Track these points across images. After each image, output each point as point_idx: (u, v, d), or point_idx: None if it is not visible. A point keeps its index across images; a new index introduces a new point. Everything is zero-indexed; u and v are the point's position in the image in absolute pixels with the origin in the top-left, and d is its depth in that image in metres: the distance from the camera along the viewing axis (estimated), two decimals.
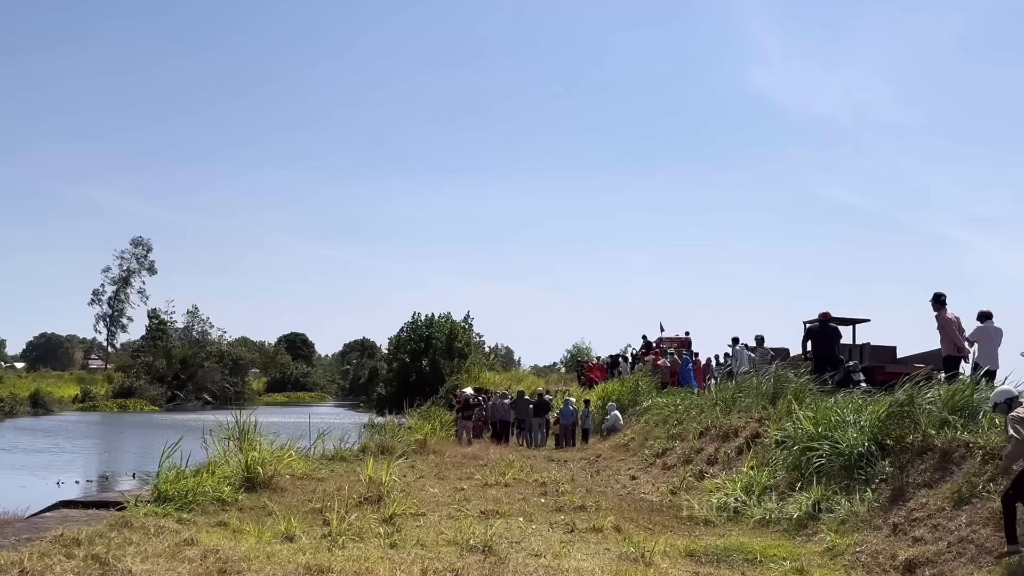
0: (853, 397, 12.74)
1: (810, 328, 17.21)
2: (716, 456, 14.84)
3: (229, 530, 9.30)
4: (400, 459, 14.71)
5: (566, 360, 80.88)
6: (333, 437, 17.60)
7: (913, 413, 10.38)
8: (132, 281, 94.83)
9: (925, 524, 8.55)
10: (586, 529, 10.36)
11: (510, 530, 9.95)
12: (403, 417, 25.66)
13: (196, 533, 8.66)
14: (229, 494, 11.04)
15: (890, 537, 8.78)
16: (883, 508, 9.41)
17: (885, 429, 10.55)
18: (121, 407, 66.39)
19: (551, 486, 13.97)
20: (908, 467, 9.72)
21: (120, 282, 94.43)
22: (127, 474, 25.33)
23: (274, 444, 13.82)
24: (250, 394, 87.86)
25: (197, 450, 12.95)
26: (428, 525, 10.23)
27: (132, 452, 32.80)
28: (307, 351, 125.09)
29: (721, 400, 17.42)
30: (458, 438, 22.99)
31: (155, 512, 9.63)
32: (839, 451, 10.84)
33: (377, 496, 11.50)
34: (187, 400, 74.33)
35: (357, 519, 10.01)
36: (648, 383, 25.45)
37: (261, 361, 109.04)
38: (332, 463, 15.56)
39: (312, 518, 10.21)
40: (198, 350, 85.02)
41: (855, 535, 9.16)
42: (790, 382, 15.35)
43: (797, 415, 12.62)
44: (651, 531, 10.53)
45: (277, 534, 9.03)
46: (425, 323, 56.05)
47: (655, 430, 19.29)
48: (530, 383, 39.20)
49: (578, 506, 12.01)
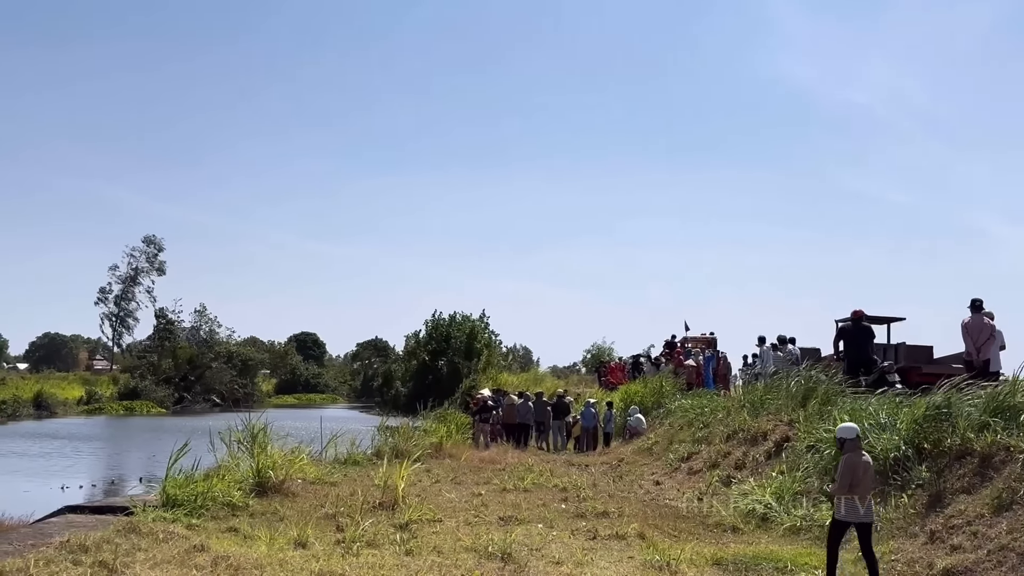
0: (888, 399, 12.68)
1: (842, 327, 17.11)
2: (744, 460, 14.81)
3: (240, 536, 9.37)
4: (415, 463, 14.75)
5: (586, 361, 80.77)
6: (345, 440, 17.68)
7: (951, 416, 10.32)
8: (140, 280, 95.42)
9: (964, 531, 8.50)
10: (609, 536, 10.38)
11: (530, 537, 9.98)
12: (418, 420, 25.70)
13: (206, 539, 8.73)
14: (240, 499, 11.13)
15: (927, 545, 8.74)
16: (919, 515, 9.37)
17: (922, 433, 10.50)
18: (127, 409, 66.78)
19: (572, 491, 13.98)
20: (946, 472, 9.68)
21: (128, 280, 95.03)
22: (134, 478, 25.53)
23: (285, 448, 13.91)
24: (259, 396, 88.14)
25: (206, 454, 13.05)
26: (445, 532, 10.27)
27: (139, 456, 33.05)
28: (318, 351, 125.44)
29: (749, 402, 17.37)
30: (475, 441, 23.01)
31: (164, 517, 9.72)
32: (873, 456, 10.74)
33: (392, 502, 11.55)
34: (195, 402, 74.67)
35: (371, 525, 10.07)
36: (672, 384, 25.41)
37: (271, 362, 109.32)
38: (345, 467, 15.65)
39: (325, 524, 10.28)
40: (206, 350, 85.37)
41: (890, 543, 9.13)
42: (821, 383, 15.29)
43: (835, 417, 12.55)
44: (676, 538, 10.53)
45: (289, 540, 9.09)
46: (446, 323, 56.24)
47: (680, 433, 19.25)
48: (549, 384, 39.19)
49: (600, 512, 12.03)
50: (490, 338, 57.20)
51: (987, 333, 13.63)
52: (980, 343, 13.59)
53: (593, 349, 79.49)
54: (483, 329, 56.55)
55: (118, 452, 36.18)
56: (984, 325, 13.69)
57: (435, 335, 55.66)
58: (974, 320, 13.74)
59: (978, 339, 13.61)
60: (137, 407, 68.20)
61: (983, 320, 13.73)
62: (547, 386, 36.14)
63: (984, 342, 13.60)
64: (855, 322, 16.58)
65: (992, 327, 13.72)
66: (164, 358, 79.94)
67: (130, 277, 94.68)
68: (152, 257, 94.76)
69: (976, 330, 13.67)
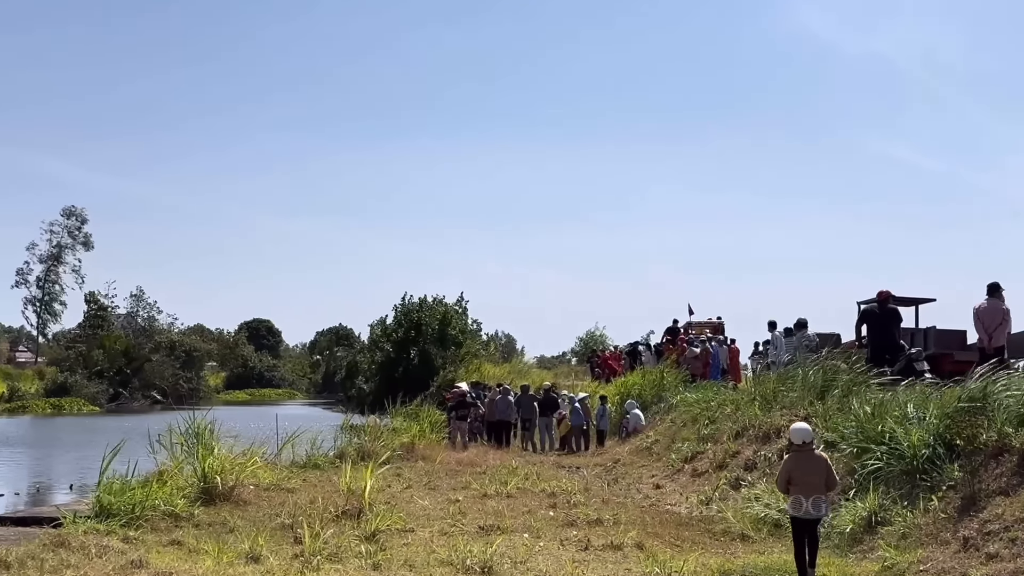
0: (916, 390, 12.76)
1: (866, 310, 17.20)
2: (755, 460, 14.89)
3: (184, 550, 9.35)
4: (384, 466, 14.76)
5: (577, 350, 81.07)
6: (305, 441, 17.66)
7: (987, 408, 10.39)
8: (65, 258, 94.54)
9: (1001, 538, 8.57)
10: (603, 546, 10.41)
11: (513, 548, 9.99)
12: (387, 417, 25.70)
13: (145, 554, 8.71)
14: (183, 508, 11.10)
15: (959, 553, 8.81)
16: (951, 519, 9.44)
17: (954, 427, 10.56)
18: (55, 407, 66.44)
19: (561, 496, 14.02)
20: (981, 471, 9.74)
21: (50, 260, 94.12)
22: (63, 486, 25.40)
23: (235, 449, 13.87)
24: (206, 391, 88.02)
25: (145, 457, 13.00)
26: (417, 543, 10.29)
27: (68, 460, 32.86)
28: (273, 341, 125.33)
29: (760, 395, 17.45)
30: (451, 441, 23.06)
31: (97, 529, 9.69)
32: (900, 453, 10.87)
33: (357, 509, 11.55)
34: (132, 399, 74.40)
35: (334, 536, 10.06)
36: (674, 376, 25.49)
37: (219, 353, 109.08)
38: (304, 471, 15.63)
39: (281, 535, 10.26)
40: (144, 340, 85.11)
41: (918, 551, 9.19)
42: (841, 373, 15.37)
43: (856, 411, 12.62)
44: (679, 548, 10.58)
45: (240, 554, 9.07)
46: (416, 307, 55.92)
47: (683, 431, 19.34)
48: (535, 376, 39.29)
49: (593, 520, 12.07)
50: (466, 324, 57.11)
51: (999, 318, 14.13)
52: (992, 329, 14.05)
53: (586, 337, 79.94)
54: (460, 315, 56.42)
55: (44, 456, 35.97)
56: (998, 309, 14.19)
57: (403, 322, 55.37)
58: (989, 304, 14.23)
59: (989, 325, 14.09)
60: (66, 405, 67.85)
61: (999, 305, 14.23)
62: (533, 378, 36.27)
63: (996, 327, 14.07)
64: (880, 304, 16.66)
65: (1006, 311, 14.22)
66: (96, 349, 79.40)
67: (52, 256, 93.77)
68: (75, 231, 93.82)
69: (988, 315, 14.15)
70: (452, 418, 24.16)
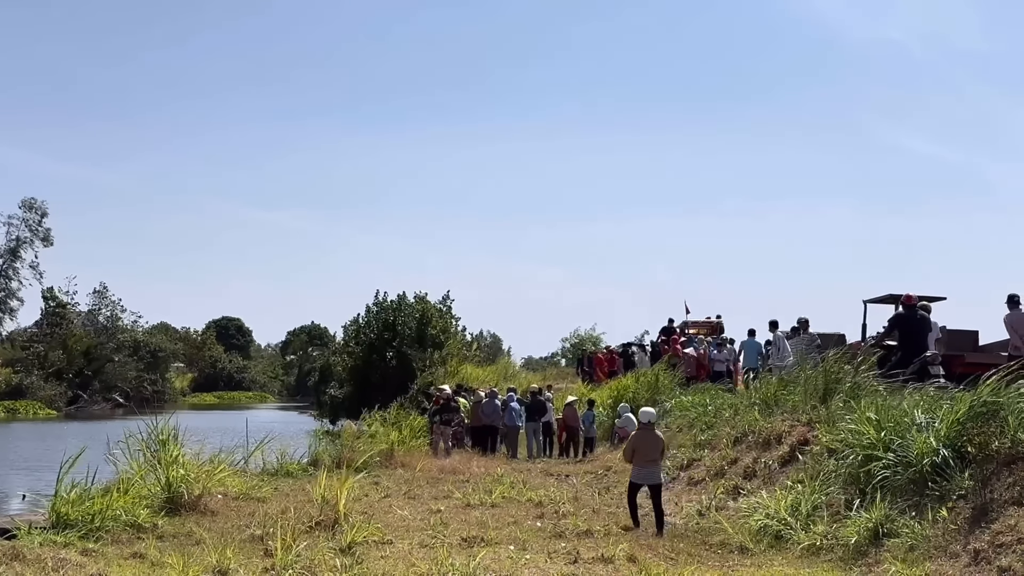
0: (925, 394, 12.79)
1: (898, 314, 17.32)
2: (754, 468, 14.92)
3: (147, 563, 9.32)
4: (360, 474, 14.74)
5: (567, 351, 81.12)
6: (276, 447, 17.64)
7: (1000, 414, 10.43)
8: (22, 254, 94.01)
9: (1014, 550, 8.60)
10: (593, 559, 10.41)
11: (498, 561, 10.00)
12: (364, 423, 25.69)
13: (105, 567, 8.68)
14: (146, 518, 11.08)
15: (970, 567, 8.84)
16: (961, 531, 9.47)
17: (965, 434, 10.58)
18: (9, 411, 66.09)
19: (549, 506, 14.05)
20: (993, 480, 9.77)
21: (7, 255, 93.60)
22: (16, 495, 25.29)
23: (202, 456, 13.84)
24: (172, 394, 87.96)
25: (105, 464, 12.95)
26: (396, 556, 10.27)
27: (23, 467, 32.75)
28: (243, 340, 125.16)
29: (760, 399, 17.49)
30: (433, 448, 23.01)
31: (53, 541, 9.64)
32: (907, 461, 10.88)
33: (332, 520, 11.54)
34: (92, 402, 74.20)
35: (307, 549, 10.03)
36: (670, 378, 25.53)
37: (185, 353, 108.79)
38: (275, 479, 15.61)
39: (251, 548, 10.24)
40: (106, 339, 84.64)
41: (927, 564, 9.22)
42: (846, 376, 15.41)
43: (861, 416, 12.63)
44: (674, 561, 10.59)
45: (207, 568, 9.04)
46: (392, 306, 55.65)
47: (679, 436, 19.38)
48: (522, 379, 39.30)
49: (583, 531, 12.10)
50: (448, 324, 56.93)
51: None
52: None
53: (575, 337, 79.97)
54: (443, 314, 56.23)
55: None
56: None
57: (377, 323, 55.09)
58: (1015, 314, 14.72)
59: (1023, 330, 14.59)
60: (21, 408, 67.54)
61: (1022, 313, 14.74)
62: (520, 381, 36.29)
63: None
64: (911, 309, 16.66)
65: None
66: (54, 349, 78.99)
67: (9, 251, 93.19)
68: (35, 224, 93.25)
69: (1020, 322, 14.64)
70: (434, 423, 24.10)
